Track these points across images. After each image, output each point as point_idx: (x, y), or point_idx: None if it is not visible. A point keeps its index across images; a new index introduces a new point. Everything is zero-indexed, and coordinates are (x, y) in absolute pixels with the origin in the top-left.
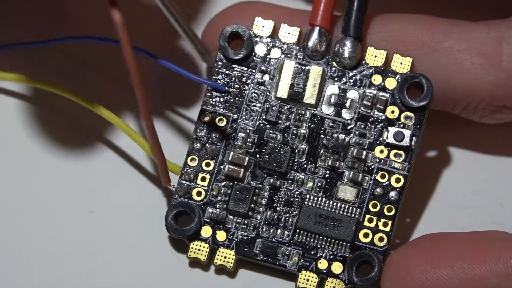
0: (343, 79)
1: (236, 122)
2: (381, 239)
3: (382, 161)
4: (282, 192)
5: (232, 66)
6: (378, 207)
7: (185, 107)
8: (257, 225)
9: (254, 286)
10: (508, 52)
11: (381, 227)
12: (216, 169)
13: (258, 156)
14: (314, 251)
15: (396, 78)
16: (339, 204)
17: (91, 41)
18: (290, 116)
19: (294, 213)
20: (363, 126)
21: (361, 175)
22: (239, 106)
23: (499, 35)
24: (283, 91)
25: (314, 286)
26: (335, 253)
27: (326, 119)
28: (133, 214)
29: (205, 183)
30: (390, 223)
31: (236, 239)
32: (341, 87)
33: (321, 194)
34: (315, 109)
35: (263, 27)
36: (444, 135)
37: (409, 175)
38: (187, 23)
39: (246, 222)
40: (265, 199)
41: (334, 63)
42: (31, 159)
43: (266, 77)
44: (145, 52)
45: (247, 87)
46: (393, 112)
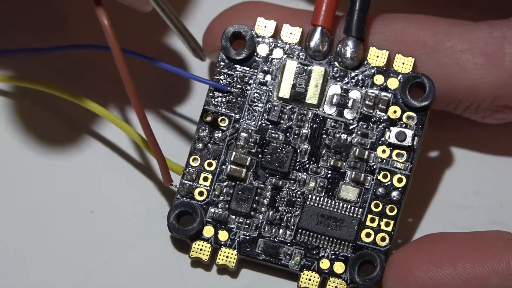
0: (345, 79)
1: (238, 122)
2: (383, 239)
3: (384, 161)
4: (284, 192)
5: (234, 66)
6: (380, 207)
7: (187, 107)
8: (259, 225)
9: (254, 285)
10: (510, 52)
11: (383, 227)
12: (218, 169)
13: (260, 156)
14: (316, 251)
15: (398, 78)
16: (341, 204)
17: (90, 49)
18: (292, 116)
19: (296, 213)
20: (365, 126)
21: (363, 175)
22: (241, 106)
23: (501, 35)
24: (285, 91)
25: (316, 286)
26: (337, 253)
27: (328, 119)
28: (133, 214)
29: (207, 183)
30: (392, 223)
31: (238, 239)
32: (343, 87)
33: (323, 194)
34: (317, 109)
35: (265, 27)
36: (446, 135)
37: (411, 175)
38: (178, 18)
39: (248, 222)
40: (267, 199)
41: (336, 63)
42: (31, 160)
43: (268, 77)
44: (144, 56)
45: (249, 87)
46: (395, 112)
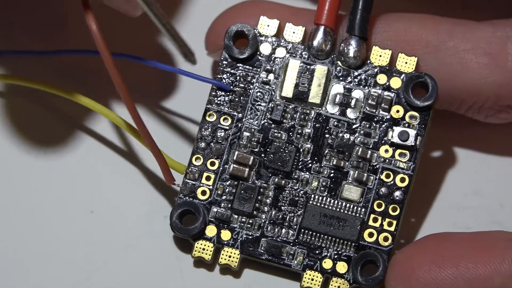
0: (348, 79)
1: (241, 121)
2: (385, 239)
3: (387, 160)
4: (287, 191)
5: (237, 65)
6: (383, 206)
7: (190, 106)
8: (262, 225)
9: (257, 285)
10: None
11: (386, 227)
12: (221, 168)
13: (263, 155)
14: (318, 251)
15: (401, 78)
16: (344, 204)
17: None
18: (295, 116)
19: (299, 213)
20: (368, 125)
21: (366, 174)
22: (244, 105)
23: (504, 35)
24: (288, 90)
25: (318, 285)
26: (340, 252)
27: (331, 119)
28: (133, 214)
29: (210, 182)
30: (395, 222)
31: (241, 239)
32: (346, 87)
33: (326, 193)
34: (320, 108)
35: (268, 26)
36: (449, 135)
37: (414, 174)
38: (169, 23)
39: (250, 221)
40: (270, 199)
41: (339, 62)
42: (31, 160)
43: (271, 76)
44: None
45: (252, 86)
46: (398, 111)
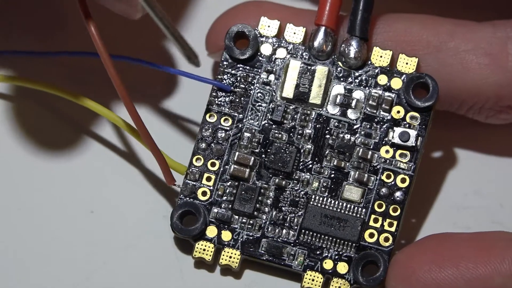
0: (348, 79)
1: (241, 122)
2: (386, 239)
3: (388, 161)
4: (287, 192)
5: (238, 66)
6: (384, 207)
7: (190, 107)
8: (263, 225)
9: (255, 286)
10: None
11: (386, 227)
12: (222, 169)
13: (263, 156)
14: (319, 251)
15: (402, 78)
16: (344, 204)
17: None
18: (295, 116)
19: (300, 213)
20: (368, 126)
21: (366, 175)
22: (244, 106)
23: (504, 35)
24: (288, 91)
25: (319, 286)
26: (341, 253)
27: (332, 119)
28: (133, 214)
29: (211, 183)
30: (395, 223)
31: (242, 239)
32: (346, 87)
33: (326, 194)
34: (320, 109)
35: (268, 27)
36: (449, 135)
37: (415, 175)
38: (173, 25)
39: (251, 222)
40: (271, 199)
41: (339, 63)
42: (31, 160)
43: (271, 77)
44: (146, 62)
45: (252, 87)
46: (398, 112)
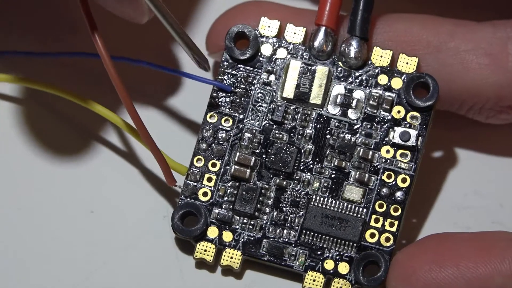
0: (349, 79)
1: (242, 123)
2: (387, 239)
3: (388, 161)
4: (288, 192)
5: (238, 66)
6: (385, 207)
7: (191, 107)
8: (264, 226)
9: (256, 286)
10: None
11: (387, 227)
12: (222, 169)
13: (264, 156)
14: (320, 252)
15: (402, 78)
16: (345, 204)
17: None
18: (296, 116)
19: (301, 214)
20: (369, 126)
21: (367, 175)
22: (245, 107)
23: (504, 36)
24: (289, 91)
25: (320, 286)
26: (342, 253)
27: (332, 119)
28: (133, 214)
29: (211, 184)
30: (396, 223)
31: (243, 240)
32: (347, 87)
33: (327, 194)
34: (321, 109)
35: (269, 27)
36: (449, 135)
37: (415, 175)
38: (183, 30)
39: (252, 222)
40: (272, 200)
41: (340, 63)
42: (31, 160)
43: (272, 77)
44: (147, 63)
45: (253, 87)
46: (399, 112)
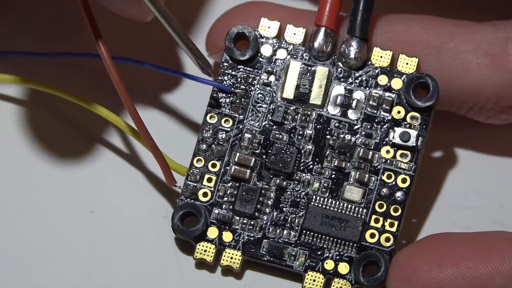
0: (349, 80)
1: (242, 123)
2: (387, 239)
3: (388, 161)
4: (288, 192)
5: (238, 67)
6: (385, 207)
7: (191, 108)
8: (264, 226)
9: (256, 287)
10: None
11: (387, 227)
12: (222, 170)
13: (264, 157)
14: (320, 252)
15: (402, 79)
16: (345, 205)
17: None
18: (296, 117)
19: (301, 214)
20: (369, 126)
21: (367, 175)
22: (245, 107)
23: (505, 36)
24: (289, 91)
25: (320, 286)
26: (342, 253)
27: (332, 120)
28: (133, 214)
29: (211, 184)
30: (396, 223)
31: (243, 240)
32: (347, 88)
33: (327, 194)
34: (321, 109)
35: (268, 27)
36: (449, 135)
37: (415, 175)
38: (187, 36)
39: (252, 222)
40: (272, 200)
41: (340, 63)
42: (31, 160)
43: (272, 77)
44: (148, 64)
45: (253, 88)
46: (399, 112)
